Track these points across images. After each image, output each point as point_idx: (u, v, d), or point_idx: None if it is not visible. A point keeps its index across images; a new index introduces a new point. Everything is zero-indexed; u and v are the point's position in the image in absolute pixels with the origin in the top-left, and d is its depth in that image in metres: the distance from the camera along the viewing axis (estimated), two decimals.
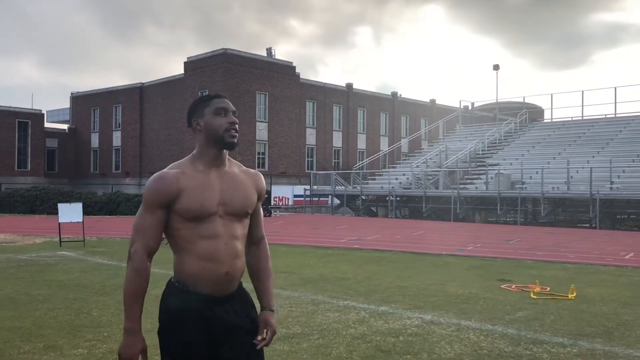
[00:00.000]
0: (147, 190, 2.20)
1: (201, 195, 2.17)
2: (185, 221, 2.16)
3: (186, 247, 2.17)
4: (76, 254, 12.05)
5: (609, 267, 10.78)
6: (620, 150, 27.58)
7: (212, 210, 2.17)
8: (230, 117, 2.25)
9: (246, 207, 2.28)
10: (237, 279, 2.25)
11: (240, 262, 2.25)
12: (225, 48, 39.83)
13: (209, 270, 2.15)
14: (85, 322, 5.88)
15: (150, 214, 2.17)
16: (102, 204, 28.86)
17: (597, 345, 5.18)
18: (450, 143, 35.17)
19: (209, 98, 2.30)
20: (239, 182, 2.29)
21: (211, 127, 2.23)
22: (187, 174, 2.20)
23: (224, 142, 2.22)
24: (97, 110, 50.51)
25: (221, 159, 2.27)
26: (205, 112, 2.26)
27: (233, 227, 2.22)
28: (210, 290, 2.17)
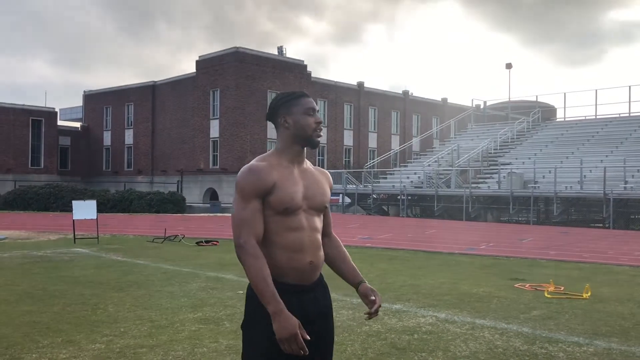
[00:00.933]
0: (243, 182, 2.24)
1: (292, 189, 2.26)
2: (274, 214, 2.24)
3: (273, 239, 2.25)
4: (90, 250, 12.16)
5: (624, 267, 10.70)
6: (634, 149, 27.32)
7: (299, 204, 2.28)
8: (317, 117, 2.37)
9: (324, 202, 2.40)
10: (319, 269, 2.36)
11: (321, 252, 2.36)
12: (237, 47, 39.94)
13: (296, 260, 2.25)
14: (102, 317, 5.94)
15: (249, 205, 2.22)
16: (115, 201, 29.07)
17: (613, 344, 5.15)
18: (462, 142, 35.02)
19: (298, 96, 2.38)
20: (317, 179, 2.40)
21: (300, 126, 2.32)
22: (276, 167, 2.29)
23: (311, 141, 2.34)
24: (110, 108, 50.86)
25: (302, 156, 2.38)
26: (294, 111, 2.34)
27: (314, 220, 2.34)
28: (296, 279, 2.27)
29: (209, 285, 7.95)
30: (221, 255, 11.53)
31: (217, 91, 40.83)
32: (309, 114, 2.35)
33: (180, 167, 41.19)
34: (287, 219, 2.25)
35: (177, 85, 45.05)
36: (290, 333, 2.09)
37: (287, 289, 2.23)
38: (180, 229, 17.53)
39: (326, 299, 2.40)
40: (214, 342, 5.04)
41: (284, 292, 2.18)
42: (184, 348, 4.86)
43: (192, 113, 42.75)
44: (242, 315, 6.17)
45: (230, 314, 6.14)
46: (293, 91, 2.44)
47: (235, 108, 39.46)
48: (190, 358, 4.61)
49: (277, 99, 2.41)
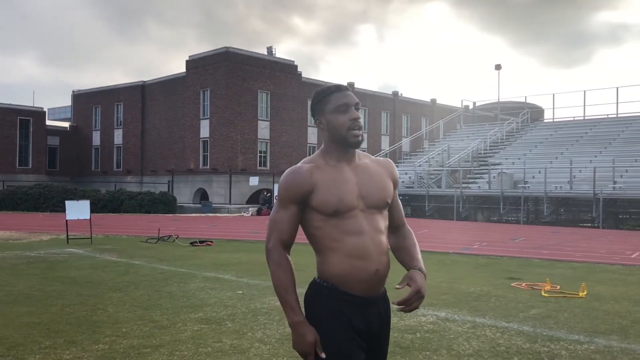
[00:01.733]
0: (280, 185, 2.11)
1: (339, 189, 2.07)
2: (326, 218, 2.06)
3: (332, 246, 2.06)
4: (84, 251, 12.08)
5: (617, 266, 10.82)
6: (623, 150, 27.62)
7: (352, 204, 2.07)
8: (351, 113, 2.13)
9: (385, 198, 2.17)
10: (385, 278, 2.13)
11: (387, 258, 2.12)
12: (228, 46, 39.85)
13: (360, 268, 2.04)
14: (102, 318, 5.91)
15: (284, 209, 2.10)
16: (106, 201, 28.91)
17: (613, 342, 5.21)
18: (452, 142, 35.20)
19: (328, 93, 2.17)
20: (374, 173, 2.19)
21: (333, 127, 2.13)
22: (321, 167, 2.12)
23: (347, 142, 2.13)
24: (99, 108, 50.54)
25: (351, 154, 2.18)
26: (325, 110, 2.16)
27: (376, 220, 2.11)
28: (361, 291, 2.05)
29: (208, 285, 7.93)
30: (216, 255, 11.51)
31: (207, 91, 40.70)
32: (341, 111, 2.13)
33: (170, 167, 41.00)
34: (343, 222, 2.05)
35: (167, 85, 44.86)
36: (303, 350, 2.00)
37: (351, 300, 2.04)
38: (173, 229, 17.46)
39: (388, 316, 2.19)
40: (218, 342, 5.03)
41: (347, 303, 2.04)
42: (189, 348, 4.85)
43: (182, 113, 42.58)
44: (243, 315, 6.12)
45: (231, 314, 6.13)
46: (328, 86, 2.20)
47: (226, 108, 39.36)
48: (195, 358, 4.60)
49: (312, 99, 2.24)
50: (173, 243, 13.92)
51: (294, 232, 2.12)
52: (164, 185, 37.14)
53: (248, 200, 38.33)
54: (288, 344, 4.99)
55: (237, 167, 39.10)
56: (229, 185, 37.81)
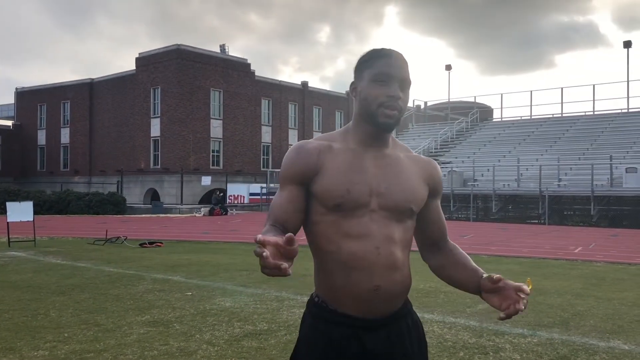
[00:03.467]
0: (283, 162, 1.74)
1: (348, 178, 1.64)
2: (326, 212, 1.64)
3: (327, 249, 1.64)
4: (27, 254, 11.64)
5: (561, 261, 11.18)
6: (567, 148, 28.63)
7: (361, 200, 1.63)
8: (391, 88, 1.64)
9: (409, 202, 1.69)
10: (395, 298, 1.67)
11: (400, 275, 1.66)
12: (179, 44, 39.22)
13: (354, 281, 1.60)
14: (43, 323, 5.70)
15: (283, 190, 1.70)
16: (52, 202, 27.98)
17: (555, 334, 5.37)
18: (404, 141, 35.61)
19: (376, 56, 1.69)
20: (403, 169, 1.72)
21: (364, 98, 1.68)
22: (335, 149, 1.69)
23: (376, 120, 1.66)
24: (44, 106, 48.93)
25: (380, 140, 1.71)
26: (364, 75, 1.70)
27: (389, 227, 1.65)
28: (355, 310, 1.62)
29: (156, 287, 7.76)
30: (166, 256, 11.29)
31: (157, 89, 39.95)
32: (380, 80, 1.65)
33: (119, 167, 40.05)
34: (344, 221, 1.62)
35: (116, 83, 43.81)
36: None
37: (340, 320, 1.63)
38: (122, 230, 17.05)
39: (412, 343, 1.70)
40: (165, 345, 4.92)
41: (336, 324, 1.63)
42: (134, 352, 4.73)
43: (132, 111, 41.67)
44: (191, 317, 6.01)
45: (179, 316, 6.02)
46: (381, 48, 1.71)
47: (177, 106, 38.74)
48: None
49: (360, 57, 1.76)
50: (121, 245, 13.59)
51: (293, 213, 1.66)
52: (114, 185, 36.26)
53: (200, 201, 37.84)
54: (236, 345, 4.94)
55: (189, 167, 38.54)
56: (180, 185, 37.22)
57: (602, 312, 6.34)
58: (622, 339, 5.20)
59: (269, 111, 45.42)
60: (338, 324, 1.63)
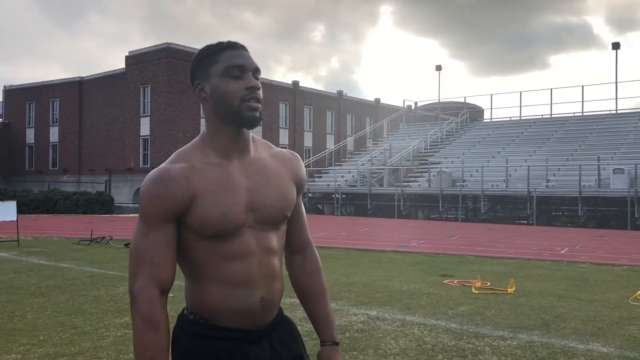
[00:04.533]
0: (145, 198, 1.53)
1: (222, 201, 1.52)
2: (199, 239, 1.53)
3: (205, 273, 1.55)
4: (9, 254, 11.52)
5: (546, 262, 11.20)
6: (556, 149, 28.74)
7: (238, 221, 1.54)
8: (248, 79, 1.55)
9: (283, 210, 1.63)
10: (275, 306, 1.65)
11: (279, 283, 1.64)
12: (169, 42, 39.04)
13: (239, 298, 1.55)
14: (19, 325, 5.62)
15: (155, 232, 1.51)
16: (39, 202, 27.75)
17: (535, 337, 5.36)
18: (394, 142, 35.71)
19: (217, 50, 1.57)
20: (272, 175, 1.63)
21: (221, 96, 1.54)
22: (198, 168, 1.54)
23: (240, 117, 1.53)
24: (33, 104, 48.49)
25: (243, 140, 1.59)
26: (211, 72, 1.56)
27: (268, 238, 1.60)
28: (239, 323, 1.57)
29: None
30: None
31: (147, 88, 39.74)
32: (234, 75, 1.54)
33: (109, 166, 39.81)
34: (223, 244, 1.53)
35: (106, 81, 43.53)
36: None
37: (225, 335, 1.56)
38: (108, 230, 16.92)
39: (288, 346, 1.66)
40: None
41: (218, 340, 1.56)
42: (109, 355, 4.66)
43: (122, 110, 41.42)
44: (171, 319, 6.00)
45: None
46: (217, 42, 1.60)
47: (167, 105, 38.55)
48: None
49: (195, 56, 1.62)
50: (107, 245, 13.48)
51: (173, 264, 1.54)
52: (102, 184, 36.03)
53: None
54: None
55: None
56: None
57: (583, 314, 6.34)
58: (601, 342, 5.20)
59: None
60: (222, 339, 1.56)
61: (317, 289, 1.77)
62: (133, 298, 1.50)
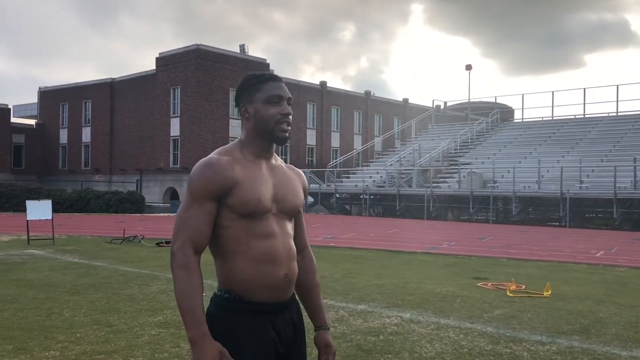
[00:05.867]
0: (196, 178, 1.86)
1: (258, 189, 1.90)
2: (236, 218, 1.87)
3: (237, 249, 1.87)
4: (45, 252, 11.73)
5: (581, 265, 10.94)
6: (589, 150, 28.13)
7: (267, 207, 1.91)
8: (284, 106, 1.97)
9: (297, 205, 2.04)
10: (293, 283, 1.99)
11: (296, 264, 2.00)
12: (198, 44, 39.41)
13: (268, 273, 1.87)
14: (56, 322, 5.69)
15: (199, 206, 1.84)
16: (72, 201, 28.28)
17: (575, 342, 5.22)
18: (423, 142, 35.41)
19: (262, 80, 1.99)
20: (289, 179, 2.05)
21: (261, 118, 1.95)
22: (240, 162, 1.93)
23: (274, 136, 1.96)
24: (66, 105, 49.48)
25: (270, 152, 2.02)
26: (255, 98, 1.97)
27: (286, 225, 1.99)
28: (269, 297, 1.89)
29: (169, 287, 7.73)
30: None
31: (177, 89, 40.17)
32: (273, 102, 1.96)
33: (139, 166, 40.39)
34: (254, 224, 1.88)
35: (137, 83, 44.15)
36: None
37: (258, 309, 1.88)
38: (139, 229, 17.14)
39: (300, 319, 2.04)
40: (175, 347, 4.88)
41: (254, 313, 1.87)
42: (144, 354, 4.69)
43: (152, 111, 41.96)
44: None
45: None
46: (261, 73, 2.02)
47: (196, 106, 38.91)
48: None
49: (240, 83, 2.03)
50: (138, 244, 13.64)
51: (208, 233, 1.87)
52: (133, 184, 36.57)
53: None
54: None
55: None
56: None
57: (624, 320, 6.15)
58: None
59: None
60: (256, 312, 1.87)
61: (313, 283, 2.15)
62: (172, 256, 1.83)
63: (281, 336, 1.92)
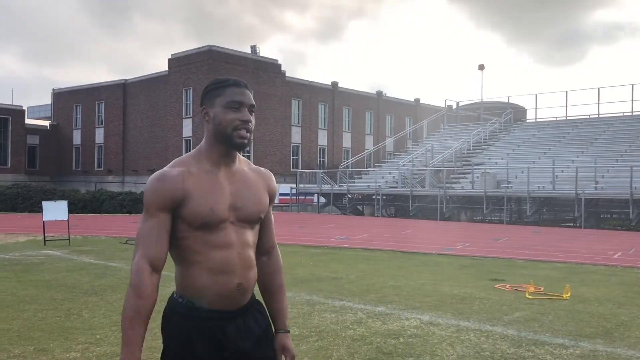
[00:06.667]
0: (147, 191, 1.89)
1: (211, 199, 1.89)
2: (191, 229, 1.88)
3: (194, 259, 1.89)
4: (61, 252, 11.80)
5: (599, 267, 10.82)
6: (605, 150, 27.85)
7: (223, 216, 1.90)
8: (243, 113, 1.94)
9: (259, 212, 2.01)
10: (249, 292, 2.00)
11: (253, 272, 2.00)
12: (210, 45, 39.54)
13: (221, 283, 1.89)
14: (76, 324, 5.71)
15: (152, 218, 1.87)
16: (86, 201, 28.44)
17: (598, 346, 5.14)
18: (435, 142, 35.25)
19: (224, 85, 1.97)
20: (251, 184, 2.02)
21: (219, 122, 1.93)
22: (193, 173, 1.92)
23: (231, 142, 1.93)
24: (80, 106, 49.85)
25: (231, 157, 2.00)
26: (216, 102, 1.96)
27: (245, 234, 1.97)
28: (220, 305, 1.91)
29: None
30: None
31: (189, 89, 40.34)
32: (233, 107, 1.93)
33: (152, 166, 40.57)
34: (210, 235, 1.88)
35: (149, 84, 44.38)
36: None
37: (207, 315, 1.90)
38: None
39: (260, 325, 2.02)
40: None
41: (202, 319, 1.90)
42: None
43: (165, 112, 42.16)
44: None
45: None
46: (226, 78, 2.00)
47: None
48: None
49: (205, 86, 2.03)
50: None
51: (165, 246, 1.87)
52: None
53: None
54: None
55: None
56: None
57: None
58: None
59: (299, 112, 45.45)
60: (206, 319, 1.90)
61: (276, 285, 2.16)
62: (131, 271, 1.85)
63: (231, 343, 1.91)
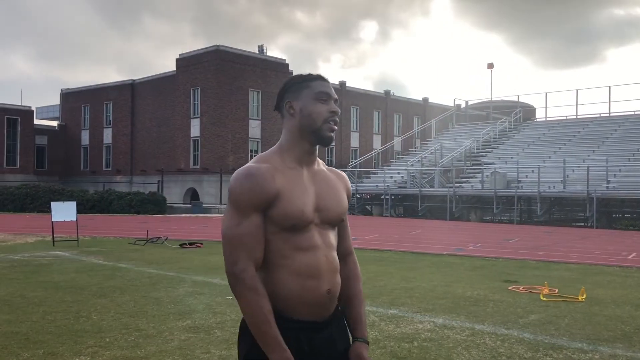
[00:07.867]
0: (237, 189, 1.76)
1: (300, 200, 1.79)
2: (278, 230, 1.78)
3: (279, 262, 1.78)
4: (70, 253, 11.77)
5: (614, 268, 10.65)
6: (616, 149, 27.60)
7: (310, 218, 1.80)
8: (332, 105, 1.87)
9: (341, 214, 1.93)
10: (336, 298, 1.88)
11: (339, 277, 1.88)
12: (218, 45, 39.51)
13: (310, 289, 1.77)
14: (85, 326, 5.64)
15: (247, 219, 1.75)
16: (94, 202, 28.51)
17: (618, 350, 5.01)
18: (444, 142, 35.06)
19: (310, 78, 1.89)
20: (332, 185, 1.92)
21: (308, 114, 1.84)
22: (280, 170, 1.81)
23: (320, 135, 1.84)
24: (88, 107, 49.99)
25: (314, 155, 1.90)
26: (303, 95, 1.86)
27: (328, 236, 1.87)
28: (310, 315, 1.79)
29: (196, 290, 7.67)
30: (206, 257, 11.24)
31: (197, 90, 40.32)
32: (321, 99, 1.85)
33: (160, 166, 40.61)
34: (296, 236, 1.78)
35: (157, 84, 44.41)
36: None
37: (295, 326, 1.77)
38: (162, 230, 17.16)
39: (344, 339, 1.91)
40: (206, 353, 4.78)
41: (289, 330, 1.75)
42: (175, 359, 4.60)
43: (172, 112, 42.17)
44: (233, 323, 5.85)
45: (220, 321, 5.88)
46: (309, 73, 1.94)
47: (216, 107, 39.01)
48: None
49: (286, 81, 1.94)
50: (162, 245, 13.63)
51: (262, 245, 1.77)
52: (154, 185, 36.76)
53: None
54: None
55: (228, 167, 38.76)
56: (219, 185, 37.47)
57: None
58: None
59: None
60: (292, 329, 1.75)
61: (355, 293, 2.01)
62: (235, 278, 1.73)
63: (318, 356, 1.80)
